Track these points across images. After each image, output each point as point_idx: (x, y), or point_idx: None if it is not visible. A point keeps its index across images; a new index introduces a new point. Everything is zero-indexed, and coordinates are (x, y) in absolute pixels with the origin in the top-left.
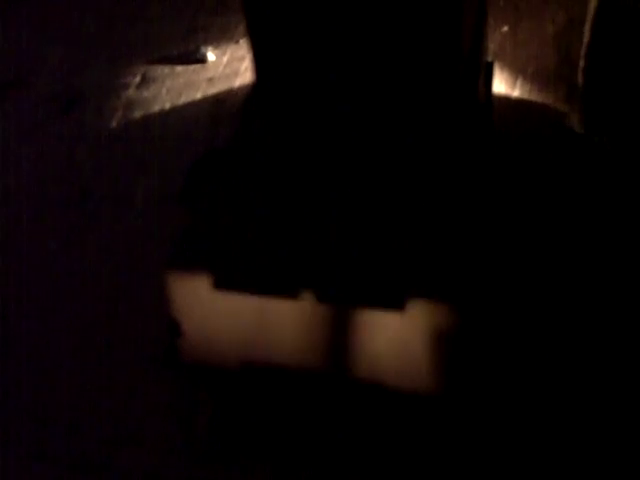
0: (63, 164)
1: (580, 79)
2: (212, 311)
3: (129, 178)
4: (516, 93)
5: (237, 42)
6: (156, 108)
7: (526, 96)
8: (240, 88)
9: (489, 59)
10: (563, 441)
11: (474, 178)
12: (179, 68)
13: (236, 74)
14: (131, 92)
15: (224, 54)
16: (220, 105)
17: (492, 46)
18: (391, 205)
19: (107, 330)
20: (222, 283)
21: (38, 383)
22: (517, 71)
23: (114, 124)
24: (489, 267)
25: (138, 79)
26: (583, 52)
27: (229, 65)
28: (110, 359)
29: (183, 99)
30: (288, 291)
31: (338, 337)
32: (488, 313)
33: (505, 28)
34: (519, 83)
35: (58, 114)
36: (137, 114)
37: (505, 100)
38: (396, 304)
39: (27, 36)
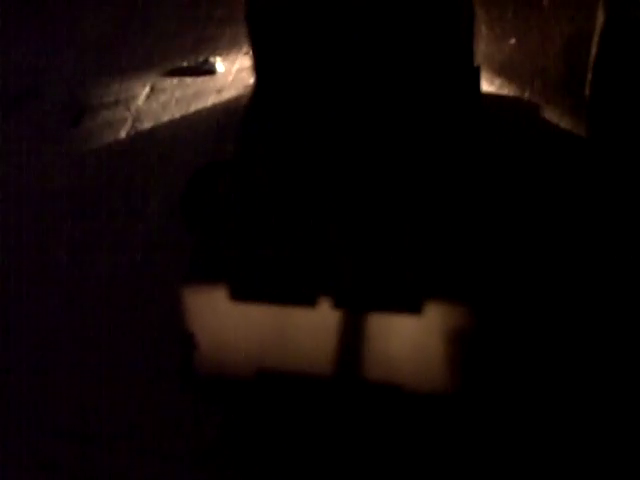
0: (74, 174)
1: (587, 91)
2: (227, 323)
3: (138, 189)
4: (523, 104)
5: (246, 53)
6: (165, 119)
7: (534, 108)
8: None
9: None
10: (577, 441)
11: (484, 182)
12: (188, 79)
13: (245, 85)
14: (140, 103)
15: (233, 65)
16: (229, 116)
17: (500, 58)
18: (403, 209)
19: (118, 342)
20: (237, 294)
21: (47, 394)
22: (524, 83)
23: (123, 135)
24: (503, 268)
25: (147, 90)
26: (591, 65)
27: (238, 76)
28: (121, 371)
29: (192, 110)
30: (303, 298)
31: (354, 343)
32: (503, 314)
33: (513, 40)
34: (526, 95)
35: (69, 125)
36: (146, 125)
37: (513, 111)
38: (412, 307)
39: (38, 48)
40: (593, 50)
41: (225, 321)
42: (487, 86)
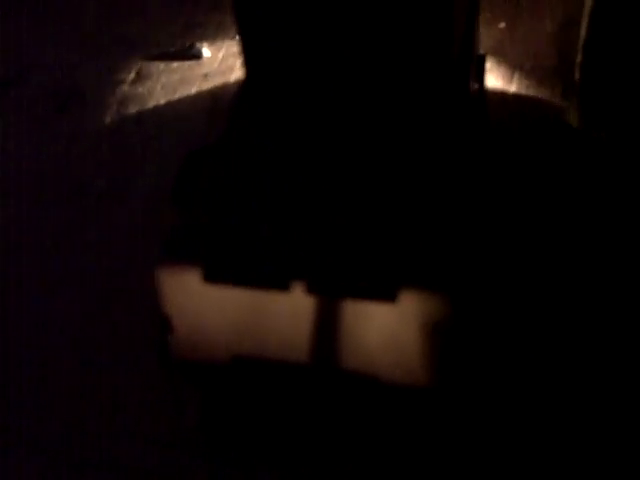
0: (60, 161)
1: (577, 75)
2: (203, 306)
3: (125, 174)
4: (513, 89)
5: (233, 38)
6: (151, 104)
7: (523, 92)
8: (235, 83)
9: (482, 53)
10: (556, 434)
11: (467, 171)
12: (174, 64)
13: (231, 70)
14: (126, 88)
15: (219, 50)
16: (215, 101)
17: (490, 42)
18: (382, 197)
19: (102, 326)
20: (212, 277)
21: (33, 379)
22: (515, 67)
23: (109, 120)
24: (481, 258)
25: (133, 75)
26: (580, 48)
27: (224, 61)
28: (103, 355)
29: (178, 95)
30: (278, 283)
31: (329, 329)
32: (480, 304)
33: (503, 24)
34: (516, 79)
35: (55, 111)
36: (132, 110)
37: (502, 95)
38: (388, 295)
39: (24, 33)
40: (582, 33)
41: (201, 304)
42: None
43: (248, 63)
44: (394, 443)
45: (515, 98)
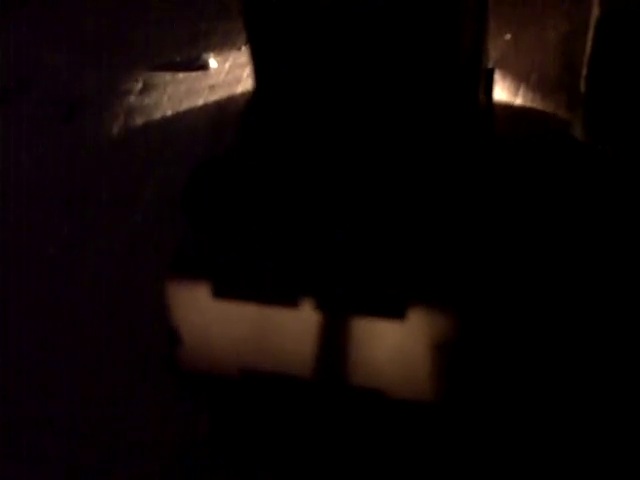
0: (64, 170)
1: (583, 87)
2: (211, 319)
3: (130, 185)
4: (519, 101)
5: (239, 49)
6: (157, 115)
7: (529, 104)
8: (242, 95)
9: (490, 66)
10: (563, 449)
11: (474, 184)
12: (181, 75)
13: (238, 81)
14: (132, 98)
15: (226, 61)
16: (222, 112)
17: (495, 53)
18: (391, 213)
19: (107, 336)
20: (221, 291)
21: (38, 388)
22: (520, 79)
23: (115, 130)
24: (490, 274)
25: (140, 85)
26: (585, 60)
27: (231, 72)
28: (110, 365)
29: (185, 106)
30: (287, 299)
31: (337, 344)
32: (489, 320)
33: (508, 36)
34: (522, 91)
35: (59, 120)
36: (138, 120)
37: (508, 108)
38: (396, 312)
39: (29, 41)
40: (588, 45)
41: (210, 317)
42: None
43: (258, 74)
44: (402, 458)
45: (521, 110)
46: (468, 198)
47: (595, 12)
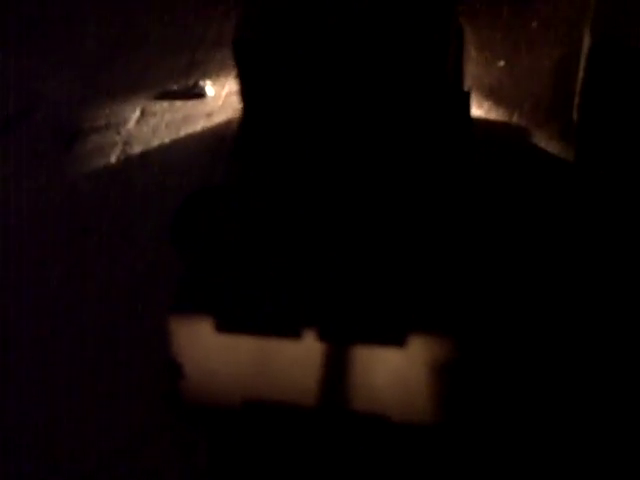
0: (64, 199)
1: (575, 115)
2: (213, 352)
3: (129, 214)
4: (513, 128)
5: (235, 77)
6: (155, 143)
7: (523, 131)
8: (239, 122)
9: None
10: (564, 471)
11: (467, 209)
12: (178, 103)
13: (235, 108)
14: (131, 127)
15: (223, 88)
16: (219, 140)
17: (488, 81)
18: (388, 241)
19: (107, 369)
20: (223, 326)
21: (39, 420)
22: (513, 106)
23: (114, 159)
24: (488, 299)
25: (137, 114)
26: (578, 89)
27: (228, 99)
28: (110, 398)
29: (182, 134)
30: (288, 330)
31: (340, 374)
32: (488, 344)
33: (502, 63)
34: (516, 118)
35: (59, 149)
36: (137, 149)
37: (502, 134)
38: (396, 339)
39: (28, 71)
40: (580, 74)
41: (212, 350)
42: (476, 109)
43: (247, 103)
44: None
45: (515, 137)
46: (463, 225)
47: (587, 40)
